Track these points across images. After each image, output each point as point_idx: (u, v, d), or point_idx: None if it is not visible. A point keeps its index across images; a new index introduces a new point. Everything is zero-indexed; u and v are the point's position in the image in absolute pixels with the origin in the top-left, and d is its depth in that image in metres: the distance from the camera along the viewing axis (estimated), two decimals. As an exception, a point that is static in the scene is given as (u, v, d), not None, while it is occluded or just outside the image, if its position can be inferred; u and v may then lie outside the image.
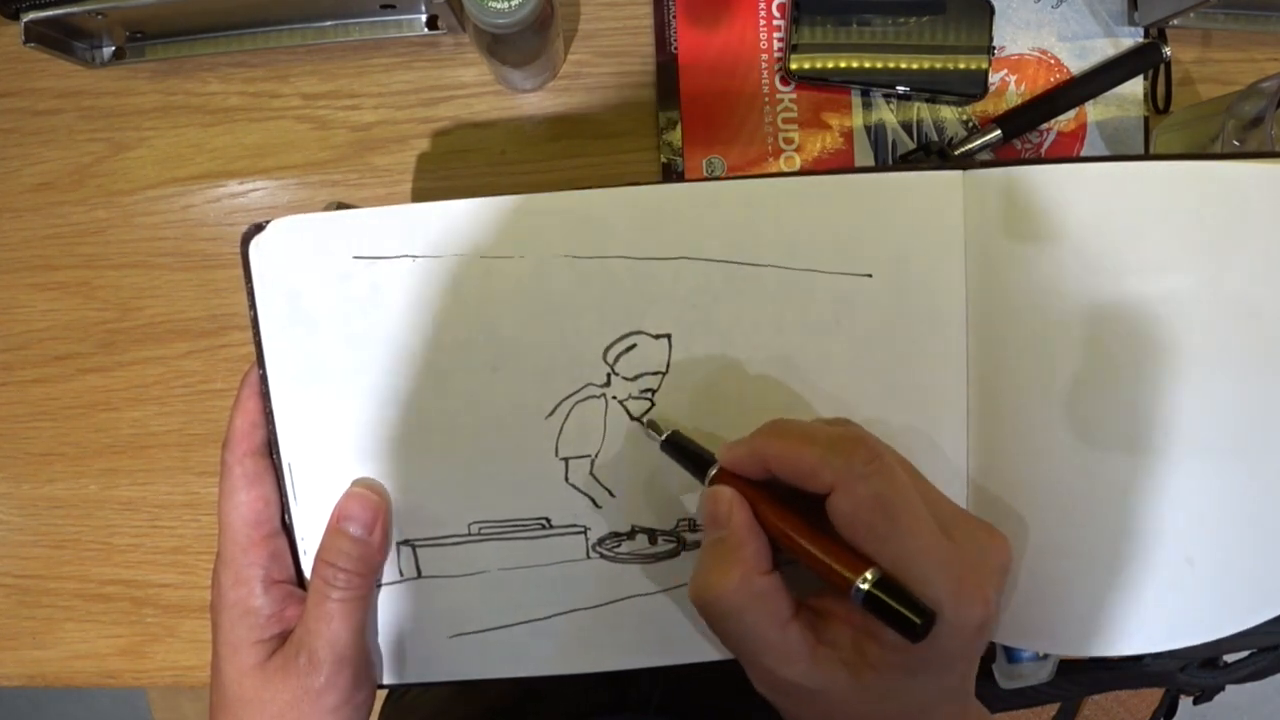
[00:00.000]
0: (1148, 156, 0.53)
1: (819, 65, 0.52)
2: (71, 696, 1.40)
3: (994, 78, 0.53)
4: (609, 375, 0.36)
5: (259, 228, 0.35)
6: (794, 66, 0.52)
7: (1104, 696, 1.17)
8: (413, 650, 0.37)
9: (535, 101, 0.55)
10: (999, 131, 0.52)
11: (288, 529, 0.36)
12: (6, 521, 0.58)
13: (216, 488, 0.36)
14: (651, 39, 0.54)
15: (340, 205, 0.39)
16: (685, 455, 0.34)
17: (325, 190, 0.56)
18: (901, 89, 0.52)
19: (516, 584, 0.37)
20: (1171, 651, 0.55)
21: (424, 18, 0.52)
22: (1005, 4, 0.53)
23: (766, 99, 0.54)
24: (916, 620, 0.27)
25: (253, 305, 0.35)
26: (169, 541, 0.57)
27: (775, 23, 0.54)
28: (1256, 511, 0.35)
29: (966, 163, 0.35)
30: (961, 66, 0.52)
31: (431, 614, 0.37)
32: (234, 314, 0.56)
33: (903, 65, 0.52)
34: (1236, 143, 0.46)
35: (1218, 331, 0.34)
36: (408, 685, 0.38)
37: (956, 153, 0.52)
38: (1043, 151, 0.54)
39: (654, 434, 0.35)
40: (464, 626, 0.37)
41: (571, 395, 0.36)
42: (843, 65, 0.52)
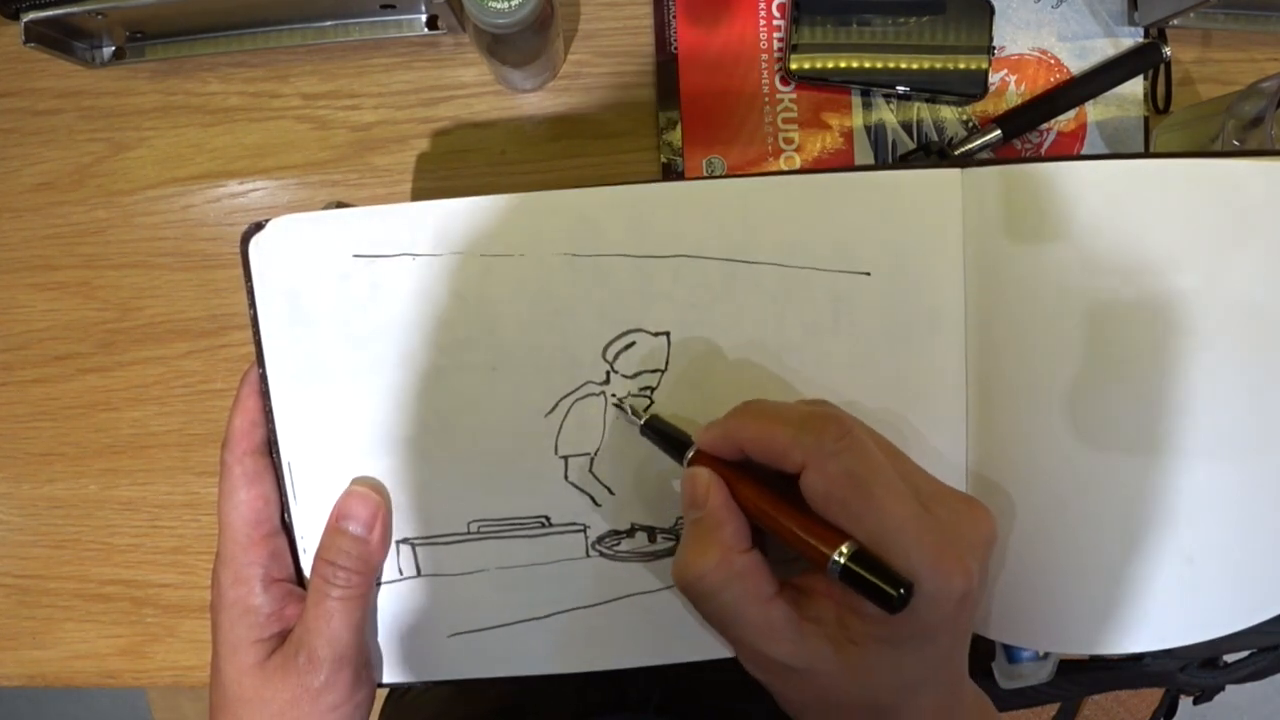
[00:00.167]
0: (1148, 156, 0.53)
1: (819, 65, 0.52)
2: (71, 696, 1.40)
3: (994, 78, 0.53)
4: (608, 373, 0.36)
5: (259, 227, 0.35)
6: (794, 66, 0.52)
7: (1104, 696, 1.17)
8: (412, 649, 0.37)
9: (535, 101, 0.55)
10: (999, 131, 0.52)
11: (287, 528, 0.36)
12: (6, 521, 0.58)
13: (216, 487, 0.36)
14: (651, 39, 0.54)
15: (340, 205, 0.39)
16: (664, 438, 0.34)
17: (325, 190, 0.56)
18: (901, 89, 0.52)
19: (516, 583, 0.37)
20: (1171, 651, 0.55)
21: (424, 18, 0.52)
22: (1005, 4, 0.53)
23: (766, 99, 0.54)
24: (893, 592, 0.27)
25: (252, 304, 0.35)
26: (169, 541, 0.57)
27: (775, 23, 0.54)
28: (1256, 511, 0.35)
29: (966, 162, 0.35)
30: (961, 66, 0.52)
31: (431, 613, 0.37)
32: (234, 314, 0.56)
33: (903, 65, 0.52)
34: (1236, 143, 0.46)
35: (1218, 330, 0.34)
36: (408, 684, 0.38)
37: (956, 152, 0.52)
38: (1043, 151, 0.54)
39: (634, 419, 0.35)
40: (463, 625, 0.37)
41: (571, 393, 0.36)
42: (843, 65, 0.52)
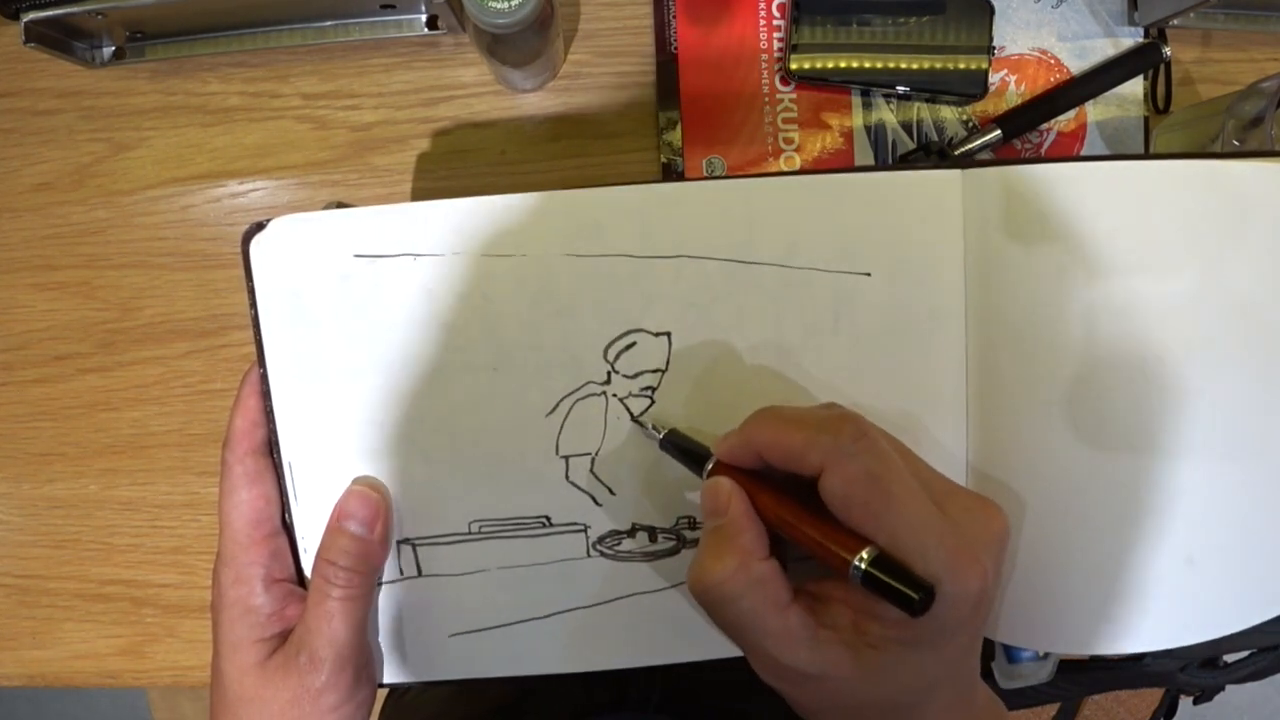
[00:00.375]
0: (1148, 156, 0.53)
1: (819, 65, 0.52)
2: (71, 696, 1.40)
3: (994, 78, 0.53)
4: (609, 373, 0.36)
5: (260, 227, 0.35)
6: (794, 66, 0.52)
7: (1104, 696, 1.17)
8: (413, 649, 0.37)
9: (535, 101, 0.55)
10: (999, 131, 0.52)
11: (288, 528, 0.36)
12: (6, 521, 0.58)
13: (217, 487, 0.36)
14: (651, 39, 0.54)
15: (340, 205, 0.39)
16: (683, 452, 0.34)
17: (325, 190, 0.56)
18: (901, 89, 0.52)
19: (517, 583, 0.37)
20: (1171, 651, 0.55)
21: (424, 18, 0.52)
22: (1005, 4, 0.53)
23: (766, 99, 0.54)
24: (915, 596, 0.27)
25: (253, 304, 0.35)
26: (169, 541, 0.57)
27: (775, 23, 0.54)
28: (1256, 511, 0.35)
29: (966, 163, 0.35)
30: (961, 66, 0.52)
31: (432, 613, 0.37)
32: (234, 314, 0.56)
33: (903, 65, 0.52)
34: (1236, 143, 0.46)
35: (1217, 331, 0.34)
36: (408, 684, 0.38)
37: (956, 153, 0.52)
38: (1043, 151, 0.54)
39: (653, 433, 0.35)
40: (464, 625, 0.37)
41: (572, 393, 0.36)
42: (843, 65, 0.52)
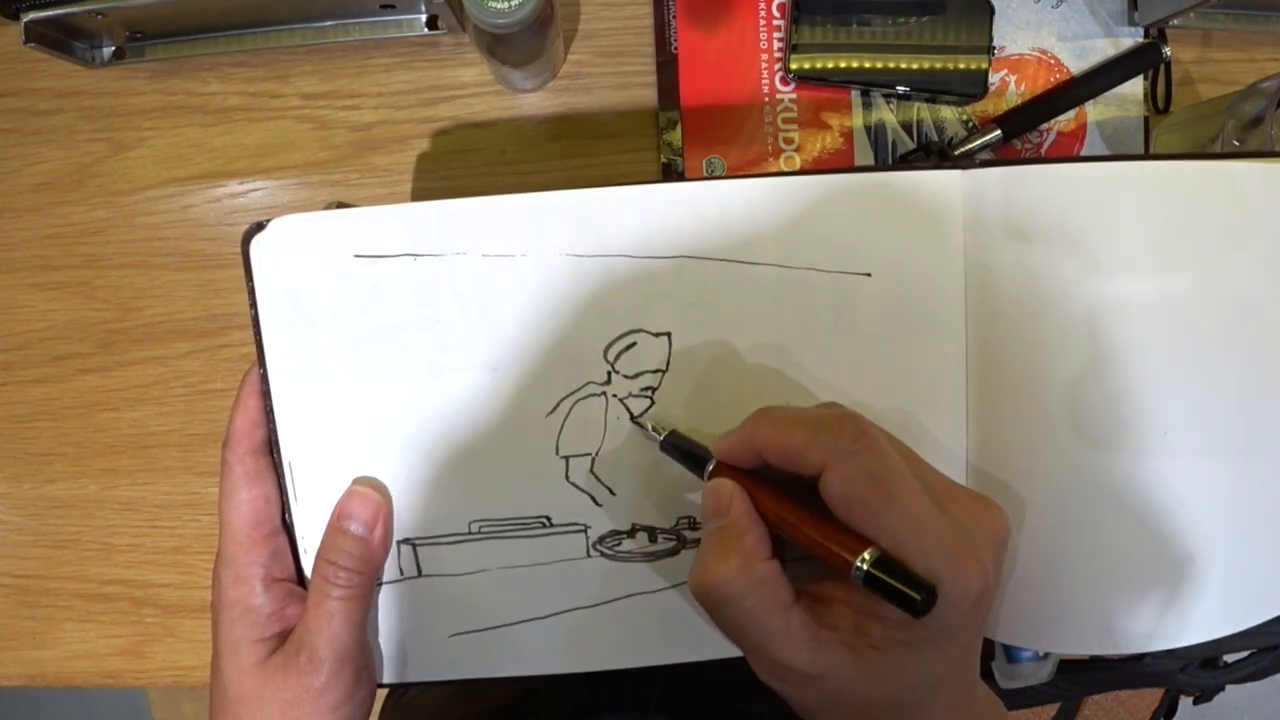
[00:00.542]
0: (1148, 156, 0.53)
1: (819, 65, 0.52)
2: (71, 696, 1.40)
3: (994, 78, 0.53)
4: (609, 373, 0.36)
5: (260, 227, 0.35)
6: (794, 66, 0.52)
7: (1104, 696, 1.17)
8: (413, 649, 0.37)
9: (535, 101, 0.55)
10: (999, 131, 0.52)
11: (288, 527, 0.36)
12: (6, 521, 0.58)
13: (217, 487, 0.36)
14: (651, 39, 0.54)
15: (340, 205, 0.39)
16: (684, 454, 0.34)
17: (325, 190, 0.56)
18: (901, 89, 0.52)
19: (517, 583, 0.37)
20: (1171, 651, 0.55)
21: (424, 18, 0.52)
22: (1005, 4, 0.53)
23: (766, 99, 0.54)
24: (917, 596, 0.27)
25: (253, 304, 0.35)
26: (169, 541, 0.57)
27: (775, 23, 0.54)
28: (1256, 511, 0.35)
29: (966, 163, 0.35)
30: (961, 66, 0.52)
31: (432, 613, 0.37)
32: (234, 314, 0.56)
33: (903, 65, 0.52)
34: (1236, 143, 0.46)
35: (1217, 331, 0.34)
36: (408, 685, 0.38)
37: (956, 153, 0.52)
38: (1043, 151, 0.54)
39: (653, 435, 0.35)
40: (464, 625, 0.37)
41: (572, 393, 0.36)
42: (843, 65, 0.52)
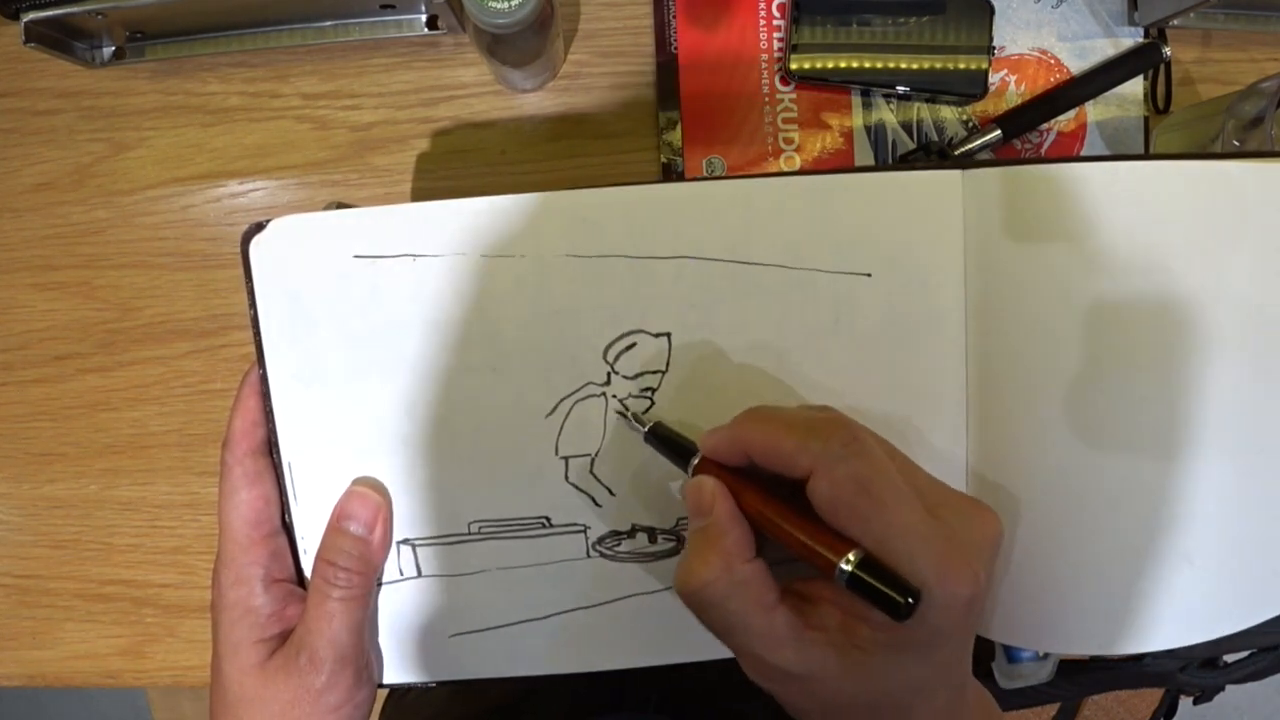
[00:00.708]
0: (1148, 156, 0.53)
1: (819, 65, 0.52)
2: (71, 696, 1.40)
3: (994, 78, 0.53)
4: (609, 374, 0.36)
5: (259, 227, 0.35)
6: (794, 66, 0.52)
7: (1104, 696, 1.17)
8: (413, 650, 0.37)
9: (535, 101, 0.55)
10: (999, 131, 0.52)
11: (288, 528, 0.36)
12: (6, 521, 0.58)
13: (216, 487, 0.36)
14: (651, 39, 0.54)
15: (340, 205, 0.39)
16: (668, 446, 0.34)
17: (325, 190, 0.56)
18: (901, 89, 0.52)
19: (516, 583, 0.37)
20: (1171, 651, 0.55)
21: (424, 18, 0.52)
22: (1005, 4, 0.53)
23: (766, 99, 0.54)
24: (901, 599, 0.27)
25: (253, 304, 0.35)
26: (169, 541, 0.57)
27: (775, 23, 0.54)
28: (1256, 511, 0.35)
29: (966, 163, 0.35)
30: (961, 66, 0.52)
31: (432, 613, 0.37)
32: (234, 314, 0.56)
33: (903, 65, 0.52)
34: (1236, 143, 0.46)
35: (1216, 331, 0.34)
36: (408, 685, 0.38)
37: (956, 153, 0.52)
38: (1043, 151, 0.54)
39: (636, 426, 0.35)
40: (464, 626, 0.37)
41: (572, 394, 0.36)
42: (843, 65, 0.52)
